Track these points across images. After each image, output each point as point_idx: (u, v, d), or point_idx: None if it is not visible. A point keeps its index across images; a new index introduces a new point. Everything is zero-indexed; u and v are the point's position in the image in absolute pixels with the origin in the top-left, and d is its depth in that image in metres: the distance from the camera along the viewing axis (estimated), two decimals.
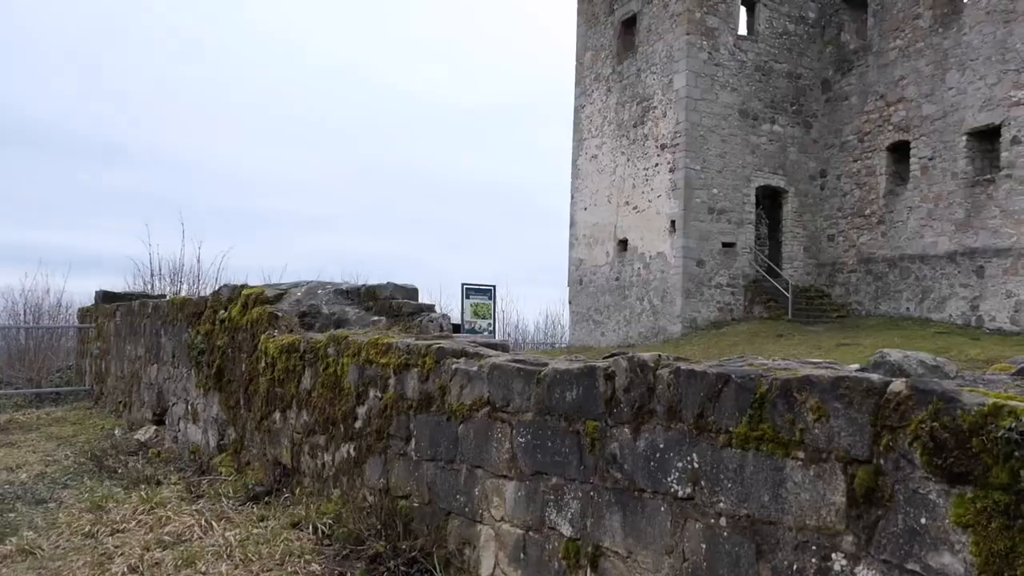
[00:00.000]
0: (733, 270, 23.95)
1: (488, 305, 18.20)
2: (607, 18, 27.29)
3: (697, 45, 23.64)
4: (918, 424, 2.40)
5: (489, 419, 4.32)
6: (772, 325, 21.81)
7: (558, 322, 35.23)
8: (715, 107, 23.84)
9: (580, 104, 28.71)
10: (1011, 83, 19.39)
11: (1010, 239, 19.29)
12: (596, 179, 27.47)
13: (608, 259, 26.61)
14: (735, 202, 24.04)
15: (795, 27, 25.18)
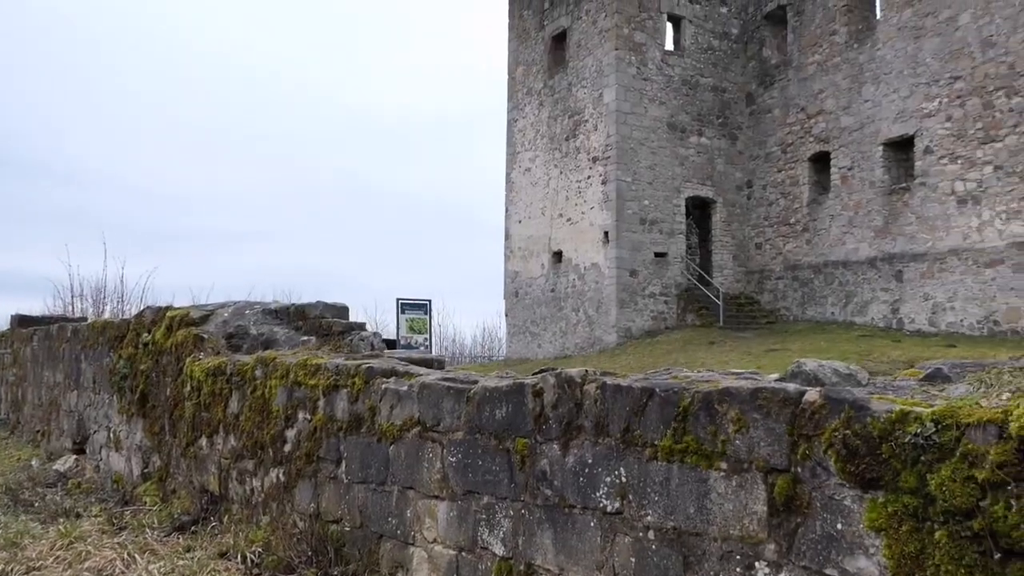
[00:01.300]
0: (666, 279, 24.35)
1: (424, 320, 18.11)
2: (538, 33, 27.55)
3: (626, 60, 24.04)
4: (832, 432, 2.47)
5: (420, 439, 4.29)
6: (705, 332, 22.23)
7: (495, 335, 35.24)
8: (644, 120, 24.26)
9: (513, 118, 28.88)
10: (922, 95, 20.23)
11: (926, 244, 20.08)
12: (530, 192, 27.64)
13: (543, 271, 26.77)
14: (666, 213, 24.47)
15: (719, 43, 25.82)
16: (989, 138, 18.69)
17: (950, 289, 19.45)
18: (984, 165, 18.78)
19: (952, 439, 2.17)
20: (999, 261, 18.33)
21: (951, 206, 19.50)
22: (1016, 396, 2.14)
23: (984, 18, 18.81)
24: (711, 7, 25.64)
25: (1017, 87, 18.08)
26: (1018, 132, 18.07)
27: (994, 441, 2.07)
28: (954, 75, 19.48)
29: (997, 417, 2.08)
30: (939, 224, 19.77)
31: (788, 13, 24.60)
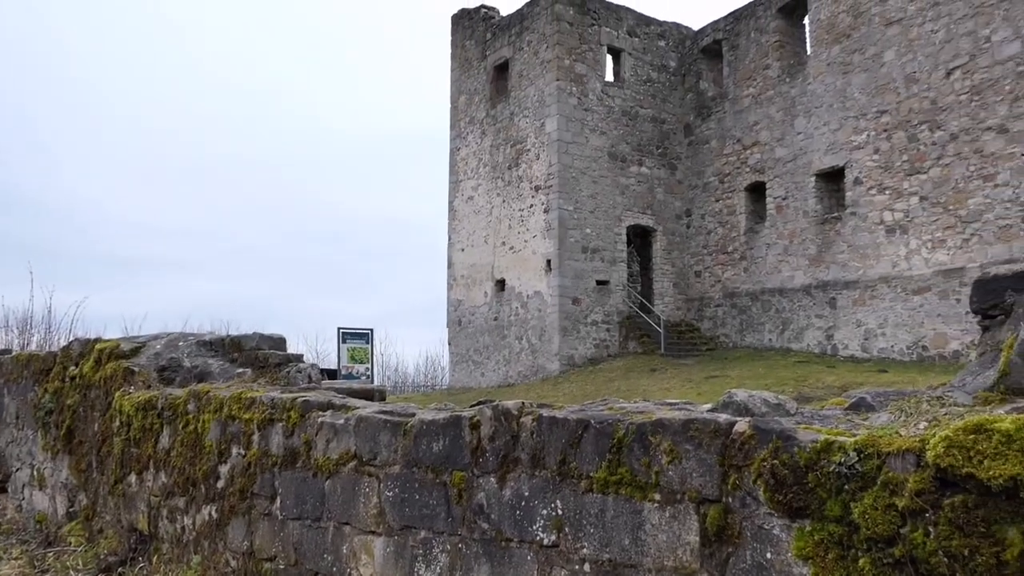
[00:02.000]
0: (608, 307, 24.58)
1: (365, 349, 17.91)
2: (480, 63, 27.80)
3: (567, 91, 24.40)
4: (760, 462, 2.51)
5: (356, 473, 4.22)
6: (646, 360, 22.46)
7: (439, 364, 35.07)
8: (586, 150, 24.60)
9: (456, 146, 29.00)
10: (851, 128, 20.97)
11: (857, 272, 20.70)
12: (473, 220, 27.71)
13: (487, 299, 26.78)
14: (608, 241, 24.77)
15: (658, 75, 26.41)
16: (914, 170, 19.43)
17: (881, 316, 20.06)
18: (910, 196, 19.51)
19: (874, 468, 2.23)
20: (926, 289, 18.99)
21: (880, 235, 20.17)
22: (932, 425, 2.21)
23: (907, 55, 19.63)
24: (649, 40, 26.24)
25: (939, 121, 18.87)
26: (941, 164, 18.83)
27: (912, 469, 2.13)
28: (880, 109, 20.25)
29: (915, 446, 2.15)
30: (869, 253, 20.42)
31: (724, 47, 25.33)
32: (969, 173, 18.26)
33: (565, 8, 24.56)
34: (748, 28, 24.50)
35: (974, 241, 18.14)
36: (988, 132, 17.89)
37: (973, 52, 18.23)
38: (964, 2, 18.41)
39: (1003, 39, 17.66)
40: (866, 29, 20.70)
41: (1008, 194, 17.47)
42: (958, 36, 18.54)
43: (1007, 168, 17.52)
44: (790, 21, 23.70)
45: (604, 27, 25.32)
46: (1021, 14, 17.27)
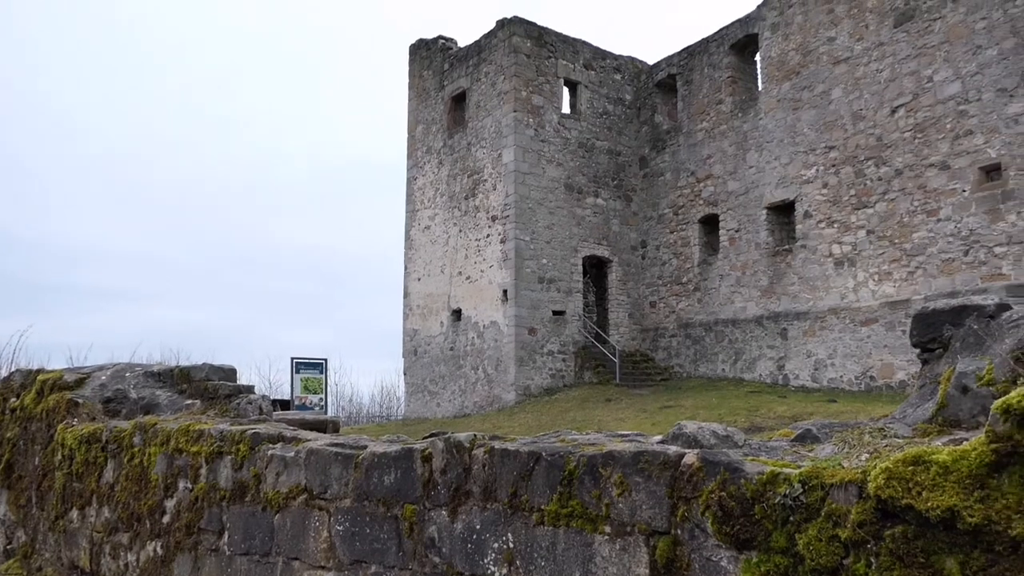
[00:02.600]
0: (564, 337, 24.67)
1: (319, 379, 17.70)
2: (438, 93, 27.96)
3: (524, 122, 24.64)
4: (709, 494, 2.53)
5: (306, 507, 4.16)
6: (602, 390, 22.54)
7: (394, 394, 34.74)
8: (542, 181, 24.81)
9: (412, 176, 29.03)
10: (801, 163, 21.50)
11: (807, 304, 21.10)
12: (429, 250, 27.69)
13: (443, 329, 26.69)
14: (564, 271, 24.92)
15: (614, 107, 26.82)
16: (861, 204, 19.95)
17: (830, 346, 20.44)
18: (858, 229, 20.01)
19: (818, 499, 2.27)
20: (873, 320, 19.42)
21: (829, 267, 20.62)
22: (873, 457, 2.26)
23: (854, 93, 20.25)
24: (606, 74, 26.67)
25: (884, 158, 19.44)
26: (887, 199, 19.37)
27: (855, 501, 2.17)
28: (829, 145, 20.80)
29: (857, 477, 2.19)
30: (819, 284, 20.85)
31: (678, 82, 25.85)
32: (913, 208, 18.81)
33: (522, 40, 24.88)
34: (702, 63, 25.05)
35: (919, 274, 18.64)
36: (931, 168, 18.47)
37: (916, 91, 18.87)
38: (907, 43, 19.09)
39: (944, 79, 18.32)
40: (815, 67, 21.32)
41: (950, 228, 18.02)
42: (902, 76, 19.19)
43: (949, 203, 18.09)
44: (742, 58, 24.30)
45: (561, 60, 25.69)
46: (961, 56, 17.96)
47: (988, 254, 17.32)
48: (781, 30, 22.33)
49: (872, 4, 19.92)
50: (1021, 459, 1.88)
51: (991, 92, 17.35)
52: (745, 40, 23.80)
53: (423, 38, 29.19)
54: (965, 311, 2.58)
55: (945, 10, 18.32)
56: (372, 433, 14.66)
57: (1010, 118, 17.00)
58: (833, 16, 20.91)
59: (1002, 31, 17.21)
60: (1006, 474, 1.90)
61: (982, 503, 1.92)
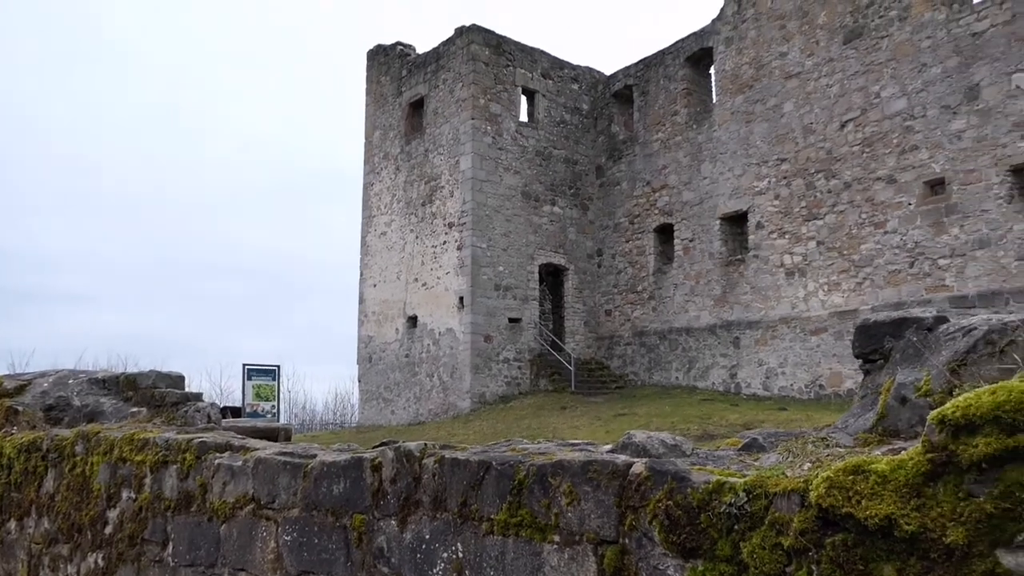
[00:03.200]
0: (519, 345, 24.70)
1: (272, 386, 17.46)
2: (395, 99, 27.87)
3: (482, 129, 24.67)
4: (656, 503, 2.55)
5: (254, 517, 4.10)
6: (557, 397, 22.60)
7: (348, 401, 34.43)
8: (499, 188, 24.85)
9: (369, 181, 28.86)
10: (753, 175, 21.87)
11: (759, 313, 21.44)
12: (385, 256, 27.54)
13: (398, 336, 26.54)
14: (520, 279, 24.97)
15: (571, 117, 27.00)
16: (812, 216, 20.36)
17: (781, 355, 20.79)
18: (808, 240, 20.40)
19: (762, 508, 2.30)
20: (823, 329, 19.81)
21: (780, 277, 20.99)
22: (815, 466, 2.30)
23: (805, 107, 20.67)
24: (563, 83, 26.85)
25: (834, 171, 19.87)
26: (836, 211, 19.79)
27: (797, 509, 2.21)
28: (780, 157, 21.20)
29: (799, 486, 2.23)
30: (770, 294, 21.21)
31: (634, 93, 26.13)
32: (861, 220, 19.24)
33: (481, 48, 24.93)
34: (658, 75, 25.36)
35: (866, 285, 19.07)
36: (878, 182, 18.93)
37: (864, 107, 19.33)
38: (856, 59, 19.55)
39: (891, 95, 18.80)
40: (767, 81, 21.72)
41: (896, 240, 18.48)
42: (851, 91, 19.65)
43: (895, 216, 18.55)
44: (697, 70, 24.66)
45: (519, 68, 25.79)
46: (907, 73, 18.45)
47: (932, 266, 17.79)
48: (735, 44, 22.72)
49: (822, 21, 20.38)
50: (955, 468, 1.92)
51: (935, 109, 17.85)
52: (700, 53, 24.16)
53: (381, 44, 29.10)
54: (905, 323, 2.64)
55: (892, 28, 18.82)
56: (325, 441, 14.49)
57: (953, 134, 17.51)
58: (785, 32, 21.34)
59: (946, 50, 17.73)
60: (941, 483, 1.94)
61: (918, 511, 1.96)
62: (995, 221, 16.72)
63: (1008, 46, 16.70)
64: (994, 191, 16.79)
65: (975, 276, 16.99)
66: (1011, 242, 16.40)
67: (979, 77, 17.15)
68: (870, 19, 19.35)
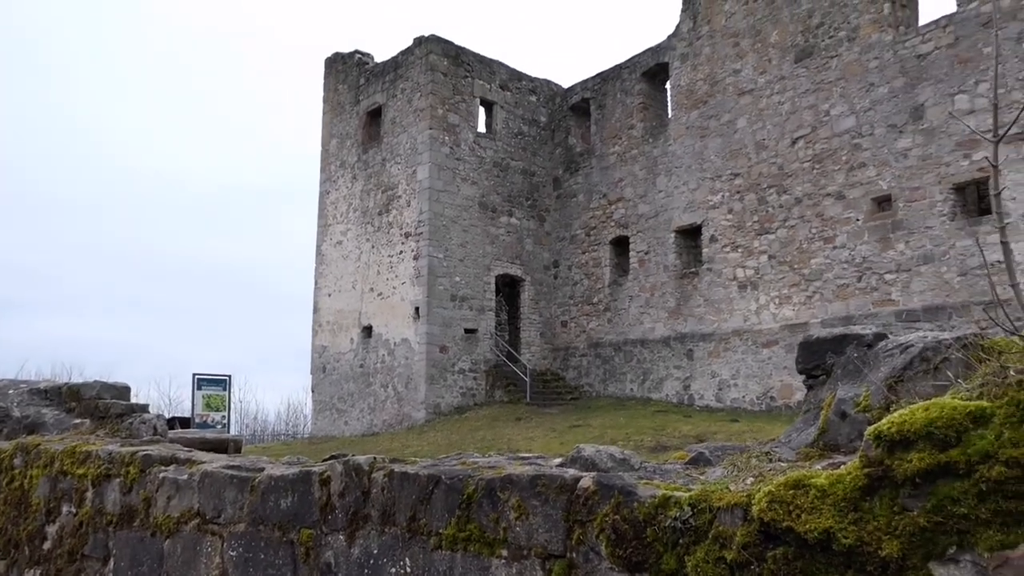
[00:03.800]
0: (475, 355, 24.66)
1: (222, 396, 17.19)
2: (353, 108, 27.72)
3: (440, 140, 24.66)
4: (603, 517, 2.57)
5: (199, 532, 4.02)
6: (512, 408, 22.60)
7: (301, 412, 34.01)
8: (457, 199, 24.85)
9: (325, 190, 28.64)
10: (708, 189, 22.19)
11: (712, 325, 21.72)
12: (341, 265, 27.32)
13: (352, 346, 26.32)
14: (476, 290, 24.96)
15: (529, 128, 27.14)
16: (764, 230, 20.72)
17: (734, 367, 21.07)
18: (760, 254, 20.75)
19: (706, 522, 2.33)
20: (774, 342, 20.13)
21: (733, 290, 21.30)
22: (758, 480, 2.34)
23: (757, 123, 21.06)
24: (521, 95, 26.98)
25: (785, 186, 20.25)
26: (787, 226, 20.17)
27: (740, 523, 2.24)
28: (734, 172, 21.55)
29: (742, 501, 2.26)
30: (723, 307, 21.50)
31: (591, 106, 26.36)
32: (811, 235, 19.64)
33: (440, 59, 24.95)
34: (615, 89, 25.63)
35: (816, 298, 19.44)
36: (828, 198, 19.34)
37: (814, 124, 19.76)
38: (807, 78, 19.99)
39: (840, 113, 19.25)
40: (721, 97, 22.09)
41: (845, 255, 18.89)
42: (802, 109, 20.07)
43: (844, 231, 18.97)
44: (653, 85, 24.98)
45: (478, 79, 25.86)
46: (855, 92, 18.91)
47: (879, 280, 18.21)
48: (690, 60, 23.08)
49: (775, 40, 20.81)
50: (891, 483, 1.97)
51: (883, 127, 18.32)
52: (656, 68, 24.48)
53: (339, 52, 28.94)
54: (846, 340, 2.70)
55: (841, 48, 19.29)
56: (276, 453, 14.29)
57: (899, 152, 17.98)
58: (739, 49, 21.74)
59: (892, 71, 18.23)
60: (877, 497, 1.99)
61: (855, 525, 2.00)
62: (939, 237, 17.20)
63: (951, 68, 17.23)
64: (938, 208, 17.27)
65: (920, 291, 17.44)
66: (954, 258, 16.87)
67: (924, 98, 17.66)
68: (820, 39, 19.81)
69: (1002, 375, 1.94)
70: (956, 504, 1.85)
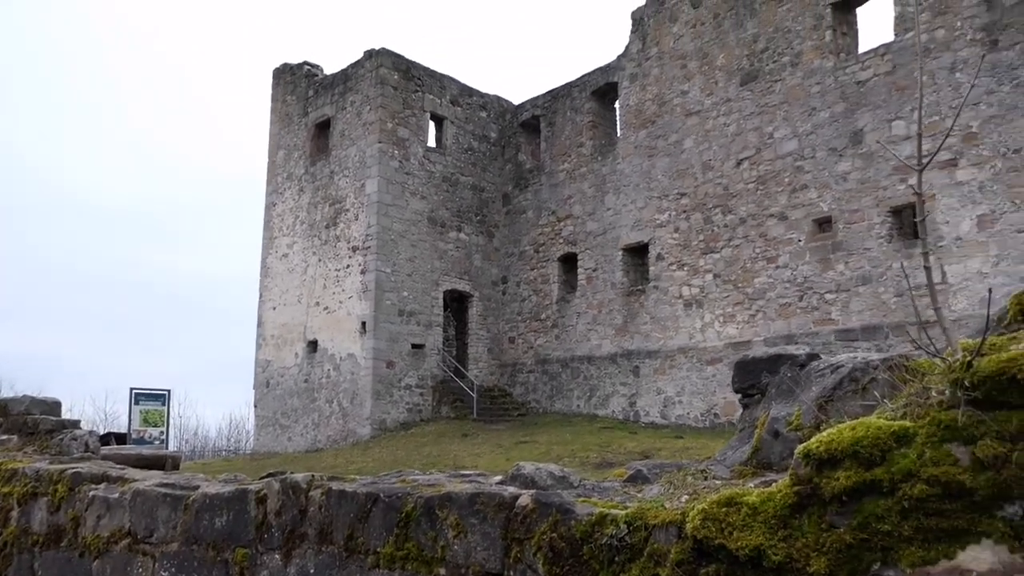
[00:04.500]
0: (422, 371, 24.51)
1: (160, 412, 16.77)
2: (301, 119, 27.47)
3: (389, 153, 24.56)
4: (541, 535, 2.57)
5: (130, 552, 3.91)
6: (459, 425, 22.50)
7: (243, 427, 33.37)
8: (406, 213, 24.75)
9: (272, 202, 28.27)
10: (655, 208, 22.50)
11: (658, 342, 21.97)
12: (287, 278, 26.96)
13: (297, 360, 25.95)
14: (424, 305, 24.85)
15: (479, 144, 27.21)
16: (709, 249, 21.06)
17: (679, 384, 21.32)
18: (705, 273, 21.08)
19: (641, 540, 2.35)
20: (718, 360, 20.43)
21: (679, 308, 21.58)
22: (692, 498, 2.37)
23: (704, 144, 21.45)
24: (472, 111, 27.05)
25: (730, 206, 20.64)
26: (732, 245, 20.54)
27: (674, 541, 2.27)
28: (681, 192, 21.89)
29: (676, 518, 2.28)
30: (669, 324, 21.76)
31: (542, 123, 26.56)
32: (755, 255, 20.03)
33: (390, 72, 24.90)
34: (565, 107, 25.87)
35: (759, 317, 19.81)
36: (771, 218, 19.76)
37: (759, 146, 20.21)
38: (751, 101, 20.45)
39: (783, 136, 19.72)
40: (669, 118, 22.46)
41: (787, 275, 19.30)
42: (747, 131, 20.51)
43: (786, 252, 19.39)
44: (603, 104, 25.28)
45: (428, 94, 25.86)
46: (798, 115, 19.41)
47: (820, 300, 18.64)
48: (639, 81, 23.43)
49: (721, 63, 21.26)
50: (819, 501, 2.01)
51: (824, 151, 18.82)
52: (606, 87, 24.79)
53: (288, 63, 28.68)
54: (780, 360, 2.76)
55: (785, 73, 19.79)
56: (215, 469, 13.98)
57: (839, 175, 18.48)
58: (686, 71, 22.15)
59: (833, 96, 18.76)
60: (806, 515, 2.03)
61: (785, 542, 2.04)
62: (876, 259, 17.69)
63: (889, 95, 17.80)
64: (876, 230, 17.77)
65: (859, 311, 17.89)
66: (890, 279, 17.36)
67: (863, 123, 18.20)
68: (765, 63, 20.30)
69: (924, 395, 2.01)
70: (880, 521, 1.90)
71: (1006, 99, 15.95)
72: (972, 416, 1.82)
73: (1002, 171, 15.90)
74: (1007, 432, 1.77)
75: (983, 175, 16.14)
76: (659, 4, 23.17)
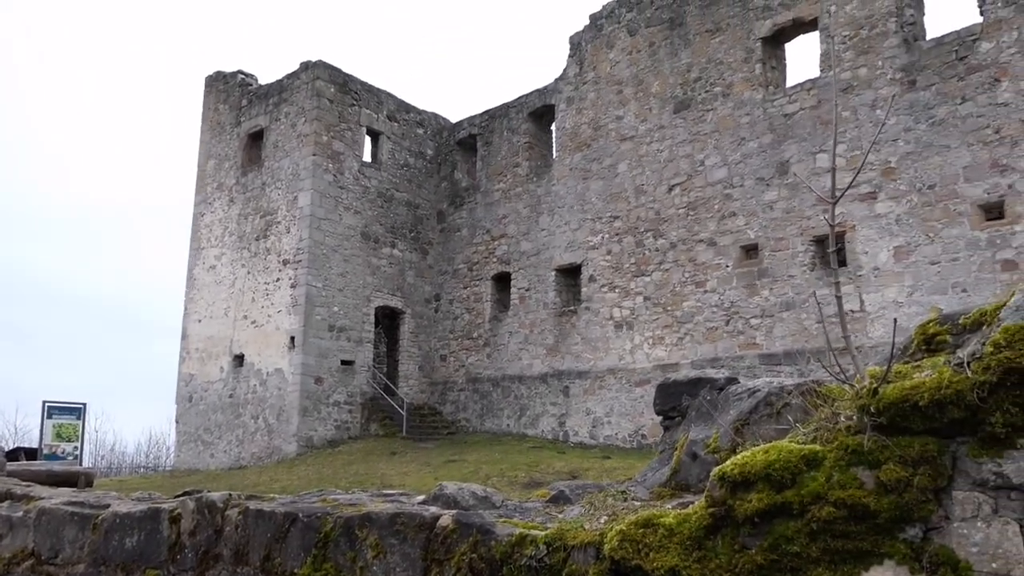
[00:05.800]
0: (351, 388, 24.19)
1: (75, 426, 16.14)
2: (233, 129, 26.98)
3: (323, 167, 24.30)
4: (461, 556, 2.56)
5: (33, 574, 3.73)
6: (387, 443, 22.24)
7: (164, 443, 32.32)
8: (338, 227, 24.48)
9: (200, 212, 27.63)
10: (588, 230, 22.77)
11: (588, 363, 22.15)
12: (214, 290, 26.33)
13: (222, 375, 25.31)
14: (355, 320, 24.56)
15: (415, 161, 27.14)
16: (640, 272, 21.39)
17: (608, 405, 21.52)
18: (636, 295, 21.39)
19: (560, 560, 2.35)
20: (646, 381, 20.70)
21: (610, 330, 21.83)
22: (611, 519, 2.39)
23: (637, 169, 21.83)
24: (408, 127, 26.99)
25: (662, 231, 21.03)
26: (662, 269, 20.90)
27: (592, 562, 2.28)
28: (614, 215, 22.21)
29: (595, 539, 2.30)
30: (600, 345, 21.98)
31: (478, 142, 26.66)
32: (684, 279, 20.42)
33: (326, 85, 24.68)
34: (501, 127, 26.03)
35: (687, 340, 20.17)
36: (700, 244, 20.20)
37: (690, 173, 20.67)
38: (684, 128, 20.92)
39: (714, 164, 20.22)
40: (604, 142, 22.80)
41: (715, 299, 19.72)
42: (679, 157, 20.97)
43: (715, 276, 19.83)
44: (539, 125, 25.53)
45: (365, 109, 25.71)
46: (728, 145, 19.93)
47: (745, 324, 19.09)
48: (575, 104, 23.75)
49: (656, 90, 21.72)
50: (733, 522, 2.06)
51: (752, 180, 19.36)
52: (543, 109, 25.05)
53: (221, 71, 28.18)
54: (700, 383, 2.82)
55: (716, 103, 20.32)
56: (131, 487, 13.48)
57: (766, 204, 19.03)
58: (622, 97, 22.55)
59: (762, 127, 19.34)
60: (720, 536, 2.07)
61: (699, 563, 2.07)
62: (799, 286, 18.23)
63: (814, 128, 18.44)
64: (799, 258, 18.33)
65: (782, 336, 18.39)
66: (812, 306, 17.90)
67: (789, 154, 18.79)
68: (697, 93, 20.81)
69: (834, 421, 2.07)
70: (790, 543, 1.95)
71: (922, 137, 16.69)
72: (877, 441, 1.89)
73: (917, 205, 16.60)
74: (909, 457, 1.84)
75: (900, 208, 16.83)
76: (597, 30, 23.57)
